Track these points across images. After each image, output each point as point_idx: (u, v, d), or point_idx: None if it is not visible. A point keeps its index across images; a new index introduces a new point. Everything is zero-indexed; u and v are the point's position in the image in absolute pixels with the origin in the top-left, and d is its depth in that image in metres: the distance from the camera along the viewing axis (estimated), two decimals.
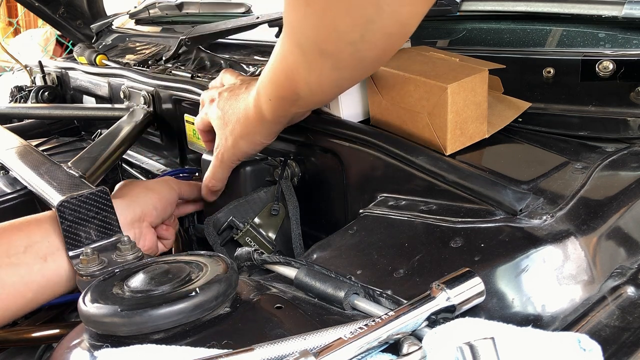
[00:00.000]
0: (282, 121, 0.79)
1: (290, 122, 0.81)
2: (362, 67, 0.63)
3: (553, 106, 0.80)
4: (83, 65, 1.53)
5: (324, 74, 0.64)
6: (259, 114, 0.78)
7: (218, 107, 0.85)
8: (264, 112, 0.77)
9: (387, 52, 0.61)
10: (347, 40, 0.56)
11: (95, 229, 0.73)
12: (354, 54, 0.58)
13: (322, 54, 0.60)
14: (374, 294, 0.56)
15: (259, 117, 0.78)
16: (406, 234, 0.63)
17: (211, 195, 0.91)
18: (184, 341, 0.48)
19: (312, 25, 0.58)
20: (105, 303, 0.50)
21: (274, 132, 0.81)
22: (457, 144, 0.73)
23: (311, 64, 0.63)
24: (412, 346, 0.45)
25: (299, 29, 0.60)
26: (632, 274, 0.57)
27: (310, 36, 0.59)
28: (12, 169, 0.96)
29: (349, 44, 0.57)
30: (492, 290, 0.52)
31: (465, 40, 1.00)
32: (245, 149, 0.84)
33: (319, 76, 0.64)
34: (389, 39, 0.57)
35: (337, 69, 0.62)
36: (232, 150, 0.84)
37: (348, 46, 0.57)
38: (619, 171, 0.69)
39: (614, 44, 0.82)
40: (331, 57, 0.60)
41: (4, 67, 2.83)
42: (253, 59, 1.25)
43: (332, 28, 0.56)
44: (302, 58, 0.63)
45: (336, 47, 0.58)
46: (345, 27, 0.55)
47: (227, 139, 0.83)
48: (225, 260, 0.56)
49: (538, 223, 0.58)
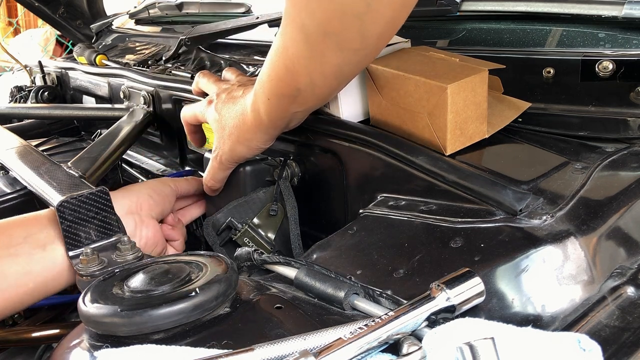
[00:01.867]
0: (280, 124, 0.79)
1: (288, 127, 0.81)
2: (366, 47, 0.63)
3: (553, 106, 0.80)
4: (83, 65, 1.53)
5: (327, 59, 0.64)
6: (256, 118, 0.78)
7: (216, 109, 0.85)
8: (261, 115, 0.76)
9: (390, 26, 0.61)
10: (353, 12, 0.57)
11: (95, 229, 0.73)
12: (359, 29, 0.59)
13: (327, 35, 0.61)
14: (374, 294, 0.56)
15: (256, 121, 0.78)
16: (406, 234, 0.63)
17: (211, 193, 0.91)
18: (184, 341, 0.48)
19: (317, 2, 0.58)
20: (105, 303, 0.50)
21: (271, 137, 0.81)
22: (457, 144, 0.73)
23: (314, 48, 0.63)
24: (412, 346, 0.45)
25: (305, 10, 0.60)
26: (632, 274, 0.57)
27: (316, 15, 0.59)
28: (12, 169, 0.96)
29: (354, 16, 0.57)
30: (492, 291, 0.52)
31: (465, 40, 1.00)
32: (243, 154, 0.84)
33: (322, 62, 0.65)
34: (393, 9, 0.58)
35: (340, 50, 0.62)
36: (229, 153, 0.84)
37: (354, 20, 0.58)
38: (619, 171, 0.69)
39: (614, 44, 0.82)
40: (336, 36, 0.60)
41: (4, 67, 2.83)
42: (253, 59, 1.25)
43: (339, 1, 0.57)
44: (304, 45, 0.63)
45: (341, 23, 0.59)
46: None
47: (225, 143, 0.83)
48: (225, 261, 0.56)
49: (538, 223, 0.58)
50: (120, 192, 0.83)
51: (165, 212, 0.88)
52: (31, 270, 0.69)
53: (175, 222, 0.91)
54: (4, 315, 0.69)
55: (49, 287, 0.71)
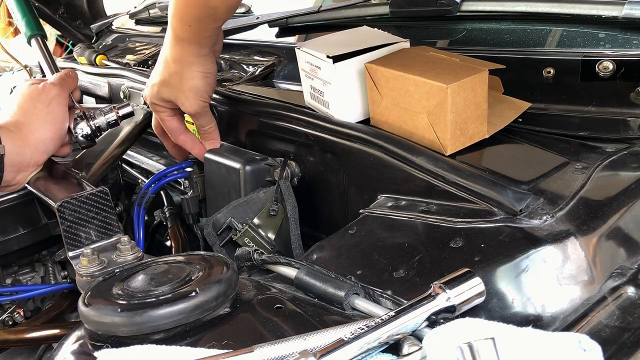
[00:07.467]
0: (208, 43, 0.85)
1: (216, 44, 0.88)
2: None
3: (553, 106, 0.80)
4: (83, 66, 1.53)
5: None
6: (183, 50, 0.85)
7: (155, 90, 0.91)
8: (188, 44, 0.84)
9: None
10: None
11: (95, 229, 0.73)
12: None
13: None
14: (374, 294, 0.55)
15: (185, 52, 0.85)
16: (406, 234, 0.63)
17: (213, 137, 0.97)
18: (184, 341, 0.48)
19: None
20: (105, 303, 0.50)
21: (206, 55, 0.86)
22: (457, 144, 0.73)
23: None
24: (412, 346, 0.45)
25: None
26: (632, 274, 0.56)
27: None
28: None
29: None
30: (492, 291, 0.52)
31: (465, 40, 1.00)
32: (201, 86, 0.88)
33: None
34: None
35: None
36: (195, 95, 0.89)
37: None
38: (619, 171, 0.69)
39: (614, 44, 0.82)
40: None
41: (4, 67, 2.83)
42: (253, 59, 1.25)
43: None
44: None
45: None
46: None
47: (185, 94, 0.88)
48: (225, 261, 0.56)
49: (538, 223, 0.58)
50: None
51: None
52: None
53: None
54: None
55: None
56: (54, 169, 0.91)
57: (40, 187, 0.84)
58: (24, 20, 1.20)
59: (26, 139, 0.83)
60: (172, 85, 0.89)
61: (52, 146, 0.87)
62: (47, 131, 0.86)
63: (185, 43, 0.84)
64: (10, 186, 0.85)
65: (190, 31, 0.82)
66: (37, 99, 0.87)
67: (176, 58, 0.86)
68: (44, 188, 0.83)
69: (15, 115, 0.85)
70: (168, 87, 0.89)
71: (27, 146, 0.83)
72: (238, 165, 0.88)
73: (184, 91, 0.88)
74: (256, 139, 0.97)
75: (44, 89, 0.89)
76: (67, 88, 0.92)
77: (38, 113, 0.86)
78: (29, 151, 0.83)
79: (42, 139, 0.85)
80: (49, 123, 0.86)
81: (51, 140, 0.86)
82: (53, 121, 0.87)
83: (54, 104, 0.88)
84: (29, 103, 0.87)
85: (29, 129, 0.84)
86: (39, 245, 0.99)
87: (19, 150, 0.82)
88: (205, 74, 0.88)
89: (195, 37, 0.84)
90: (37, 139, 0.84)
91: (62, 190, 0.79)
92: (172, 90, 0.89)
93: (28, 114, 0.85)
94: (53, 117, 0.87)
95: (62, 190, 0.79)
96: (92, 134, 0.95)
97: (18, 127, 0.83)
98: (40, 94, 0.88)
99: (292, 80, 1.09)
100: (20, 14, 1.21)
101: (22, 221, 0.93)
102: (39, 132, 0.85)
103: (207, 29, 0.83)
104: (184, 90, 0.88)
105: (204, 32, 0.83)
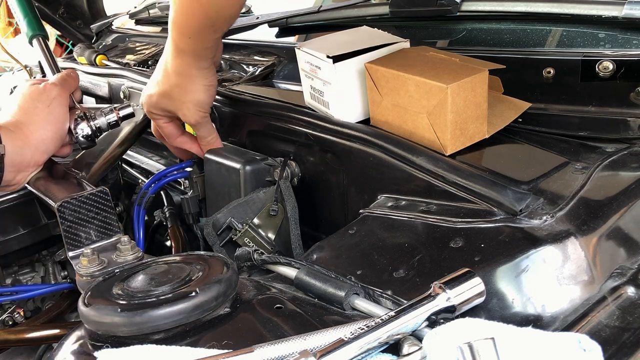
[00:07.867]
0: (208, 54, 0.85)
1: (215, 55, 0.87)
2: None
3: (553, 106, 0.80)
4: (83, 66, 1.53)
5: None
6: (184, 62, 0.84)
7: (154, 99, 0.91)
8: (188, 56, 0.84)
9: None
10: None
11: (95, 229, 0.73)
12: None
13: None
14: (374, 294, 0.56)
15: (186, 64, 0.84)
16: (406, 234, 0.63)
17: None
18: (184, 341, 0.48)
19: None
20: (105, 303, 0.50)
21: (207, 68, 0.86)
22: (457, 144, 0.73)
23: None
24: (412, 346, 0.45)
25: None
26: (632, 274, 0.56)
27: None
28: None
29: None
30: (492, 291, 0.52)
31: (465, 40, 1.00)
32: (203, 99, 0.88)
33: None
34: None
35: None
36: (196, 107, 0.89)
37: None
38: (619, 171, 0.69)
39: (614, 44, 0.82)
40: None
41: (4, 67, 2.83)
42: (253, 59, 1.25)
43: None
44: None
45: None
46: None
47: (186, 105, 0.89)
48: (225, 261, 0.56)
49: (538, 223, 0.58)
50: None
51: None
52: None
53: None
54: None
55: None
56: (54, 169, 0.91)
57: (40, 187, 0.84)
58: (25, 21, 1.20)
59: (26, 139, 0.83)
60: (173, 98, 0.89)
61: (52, 146, 0.87)
62: (48, 131, 0.86)
63: (186, 55, 0.84)
64: (10, 186, 0.85)
65: (190, 43, 0.82)
66: (37, 99, 0.87)
67: (177, 70, 0.86)
68: (44, 188, 0.83)
69: (16, 115, 0.85)
70: (169, 99, 0.89)
71: (28, 146, 0.83)
72: (238, 165, 0.88)
73: (186, 103, 0.88)
74: (256, 139, 0.97)
75: (44, 89, 0.89)
76: (68, 88, 0.92)
77: (39, 113, 0.86)
78: (29, 151, 0.83)
79: (43, 139, 0.85)
80: (49, 123, 0.86)
81: (51, 141, 0.86)
82: (53, 121, 0.87)
83: (55, 104, 0.88)
84: (29, 103, 0.87)
85: (30, 129, 0.84)
86: (39, 245, 0.99)
87: (19, 150, 0.82)
88: (207, 87, 0.88)
89: (196, 49, 0.83)
90: (38, 139, 0.84)
91: (62, 190, 0.79)
92: (173, 102, 0.89)
93: (29, 114, 0.85)
94: (54, 117, 0.87)
95: (62, 190, 0.79)
96: (92, 134, 0.95)
97: (18, 127, 0.83)
98: (41, 94, 0.88)
99: (292, 80, 1.09)
100: (22, 14, 1.21)
101: (22, 221, 0.93)
102: (40, 132, 0.85)
103: (208, 39, 0.83)
104: (185, 103, 0.88)
105: (205, 43, 0.83)
